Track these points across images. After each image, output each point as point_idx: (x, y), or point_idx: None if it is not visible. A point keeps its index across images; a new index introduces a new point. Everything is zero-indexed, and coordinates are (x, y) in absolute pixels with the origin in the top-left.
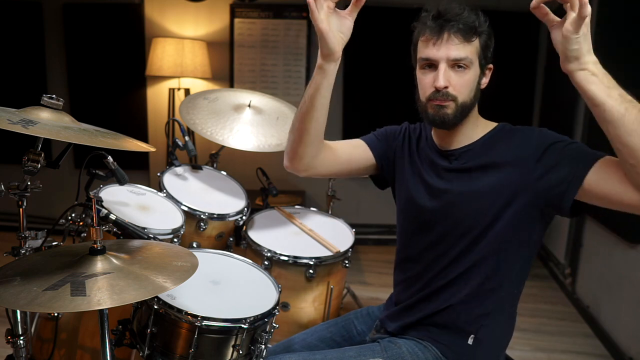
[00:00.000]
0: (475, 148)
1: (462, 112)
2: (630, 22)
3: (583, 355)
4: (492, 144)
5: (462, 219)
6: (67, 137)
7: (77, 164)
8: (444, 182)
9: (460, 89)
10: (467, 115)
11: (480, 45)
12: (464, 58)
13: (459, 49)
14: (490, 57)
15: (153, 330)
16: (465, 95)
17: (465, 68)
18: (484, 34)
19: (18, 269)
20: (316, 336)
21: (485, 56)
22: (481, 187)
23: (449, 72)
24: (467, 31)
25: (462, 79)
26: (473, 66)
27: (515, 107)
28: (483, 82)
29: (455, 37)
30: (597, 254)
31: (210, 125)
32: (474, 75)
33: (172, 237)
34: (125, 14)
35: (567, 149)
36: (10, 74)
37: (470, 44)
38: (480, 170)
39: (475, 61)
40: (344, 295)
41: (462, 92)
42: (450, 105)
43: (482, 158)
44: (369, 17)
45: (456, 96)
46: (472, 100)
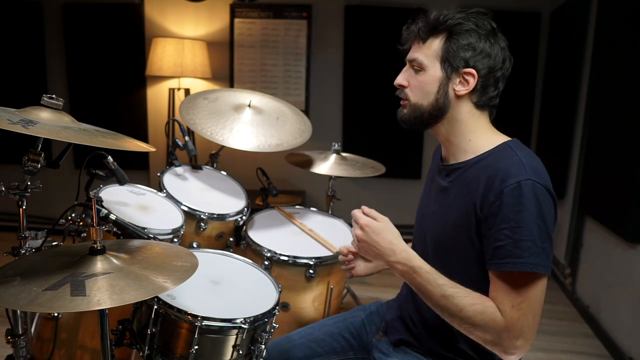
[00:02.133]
0: (464, 167)
1: (419, 115)
2: (631, 21)
3: (583, 355)
4: (479, 169)
5: (439, 248)
6: (67, 137)
7: (77, 164)
8: (434, 203)
9: (412, 88)
10: (434, 121)
11: (443, 46)
12: (414, 59)
13: (412, 51)
14: (468, 61)
15: (153, 330)
16: (419, 96)
17: (419, 70)
18: (454, 35)
19: (18, 269)
20: (323, 331)
21: (454, 59)
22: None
23: (410, 73)
24: (421, 32)
25: (415, 80)
26: (430, 69)
27: (515, 107)
28: (457, 89)
29: (415, 39)
30: (597, 254)
31: (210, 125)
32: (431, 78)
33: (172, 237)
34: (125, 14)
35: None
36: (10, 74)
37: (424, 45)
38: (456, 197)
39: (433, 63)
40: (344, 295)
41: (414, 92)
42: (405, 105)
43: (463, 183)
44: (369, 17)
45: (408, 94)
46: (431, 104)
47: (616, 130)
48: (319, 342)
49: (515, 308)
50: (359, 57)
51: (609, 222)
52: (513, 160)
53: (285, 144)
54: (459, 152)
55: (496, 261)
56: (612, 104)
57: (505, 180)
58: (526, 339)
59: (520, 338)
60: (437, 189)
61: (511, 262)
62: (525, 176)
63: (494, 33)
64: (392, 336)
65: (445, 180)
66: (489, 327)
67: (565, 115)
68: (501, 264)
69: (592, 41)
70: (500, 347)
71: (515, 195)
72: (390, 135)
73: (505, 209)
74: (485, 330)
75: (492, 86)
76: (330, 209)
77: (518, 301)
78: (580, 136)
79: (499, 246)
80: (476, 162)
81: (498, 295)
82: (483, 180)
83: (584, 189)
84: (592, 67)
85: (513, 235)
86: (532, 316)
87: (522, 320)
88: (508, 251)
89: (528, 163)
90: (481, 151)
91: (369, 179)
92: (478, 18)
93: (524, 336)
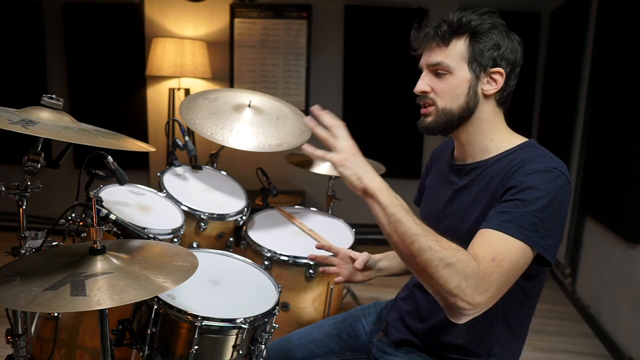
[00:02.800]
0: (485, 166)
1: (448, 119)
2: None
3: (583, 355)
4: (501, 165)
5: (460, 246)
6: (67, 137)
7: (77, 164)
8: (450, 203)
9: (440, 93)
10: (462, 123)
11: (469, 47)
12: (439, 63)
13: (434, 55)
14: (496, 60)
15: (153, 330)
16: (447, 100)
17: (445, 73)
18: (479, 35)
19: (18, 269)
20: (322, 332)
21: (481, 59)
22: (472, 217)
23: (431, 77)
24: (444, 35)
25: (442, 84)
26: (457, 71)
27: (515, 107)
28: (486, 88)
29: (433, 43)
30: (597, 254)
31: (210, 125)
32: (460, 80)
33: (172, 237)
34: (125, 14)
35: (512, 204)
36: (10, 74)
37: (447, 48)
38: (478, 194)
39: (460, 65)
40: (344, 295)
41: (442, 97)
42: (431, 112)
43: (485, 180)
44: (369, 17)
45: (435, 100)
46: (461, 106)
47: (616, 130)
48: (318, 343)
49: (495, 262)
50: (359, 57)
51: (609, 222)
52: (540, 153)
53: (285, 144)
54: (478, 152)
55: (496, 221)
56: (612, 103)
57: (534, 164)
58: (489, 299)
59: (484, 294)
60: (454, 189)
61: (514, 227)
62: (553, 165)
63: (507, 29)
64: (393, 336)
65: (464, 179)
66: (458, 267)
67: (565, 115)
68: (501, 225)
69: (592, 41)
70: (460, 296)
71: (538, 177)
72: (390, 135)
73: (525, 184)
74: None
75: (512, 82)
76: (330, 209)
77: (500, 258)
78: (580, 136)
79: (505, 211)
80: (498, 159)
81: (482, 243)
82: (508, 169)
83: (584, 189)
84: (592, 67)
85: (525, 207)
86: (505, 279)
87: (496, 276)
88: (514, 217)
89: (557, 158)
90: (502, 150)
91: None
92: (492, 17)
93: (488, 293)
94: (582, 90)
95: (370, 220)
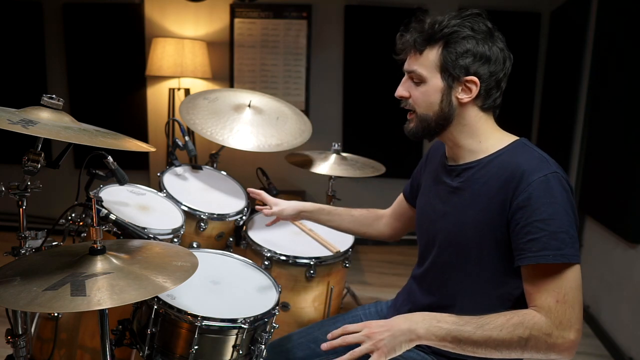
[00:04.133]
0: (478, 166)
1: (427, 126)
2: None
3: (583, 355)
4: (495, 167)
5: (453, 247)
6: (67, 137)
7: (77, 164)
8: (444, 204)
9: (416, 100)
10: (442, 129)
11: (440, 56)
12: (412, 71)
13: (409, 62)
14: (469, 69)
15: (153, 330)
16: (424, 107)
17: (419, 82)
18: (451, 44)
19: (18, 269)
20: (323, 331)
21: (453, 68)
22: (468, 219)
23: (410, 83)
24: (416, 43)
25: (417, 91)
26: (430, 79)
27: (515, 107)
28: (461, 97)
29: (410, 49)
30: (597, 254)
31: (210, 125)
32: (433, 88)
33: (172, 237)
34: (125, 14)
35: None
36: (10, 74)
37: (421, 56)
38: (473, 196)
39: (433, 74)
40: (344, 295)
41: (419, 105)
42: (413, 119)
43: (479, 182)
44: (369, 17)
45: (414, 107)
46: (436, 114)
47: (616, 130)
48: (318, 342)
49: (561, 302)
50: (359, 57)
51: (609, 222)
52: (534, 155)
53: (285, 144)
54: (468, 154)
55: (531, 255)
56: (612, 104)
57: (532, 174)
58: (578, 330)
59: (572, 330)
60: (446, 190)
61: (550, 254)
62: (551, 169)
63: (491, 34)
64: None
65: (456, 180)
66: (536, 334)
67: (565, 115)
68: (538, 257)
69: (592, 41)
70: (556, 349)
71: (544, 188)
72: (390, 135)
73: (535, 202)
74: (535, 339)
75: (494, 88)
76: None
77: (562, 294)
78: (580, 136)
79: (533, 239)
80: (490, 160)
81: (539, 291)
82: (504, 176)
83: (584, 189)
84: (592, 67)
85: (547, 227)
86: (578, 306)
87: (570, 312)
88: (545, 243)
89: (548, 158)
90: (493, 150)
91: (369, 179)
92: (473, 21)
93: (574, 327)
94: (582, 90)
95: None
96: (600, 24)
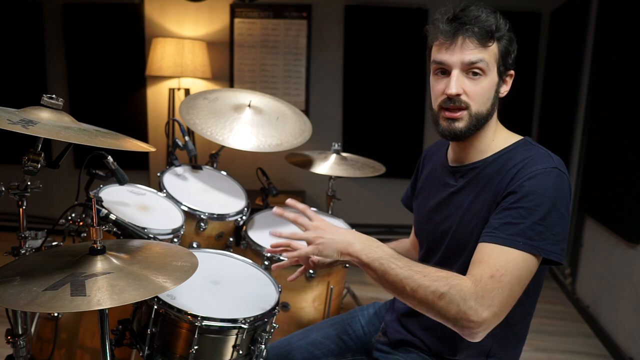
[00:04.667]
0: (482, 166)
1: (477, 123)
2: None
3: (583, 355)
4: (499, 164)
5: (457, 249)
6: (67, 137)
7: (77, 164)
8: (448, 206)
9: (475, 96)
10: (482, 127)
11: (499, 50)
12: (479, 61)
13: (473, 53)
14: (511, 63)
15: (153, 330)
16: (481, 104)
17: (480, 75)
18: (504, 38)
19: (18, 269)
20: (321, 333)
21: (505, 62)
22: (472, 218)
23: (463, 78)
24: (484, 35)
25: (477, 87)
26: (490, 73)
27: (515, 107)
28: (502, 90)
29: (470, 42)
30: (597, 254)
31: (210, 125)
32: (491, 82)
33: (172, 237)
34: (125, 14)
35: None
36: (10, 74)
37: (486, 49)
38: (477, 195)
39: (493, 68)
40: (344, 295)
41: (476, 101)
42: (464, 117)
43: (483, 180)
44: (369, 17)
45: (469, 104)
46: (488, 110)
47: (616, 130)
48: (317, 345)
49: (495, 279)
50: (359, 57)
51: (609, 222)
52: (538, 151)
53: (285, 144)
54: (477, 153)
55: (501, 235)
56: (612, 104)
57: (533, 165)
58: (495, 314)
59: (489, 309)
60: (449, 192)
61: (521, 241)
62: (553, 164)
63: None
64: (392, 336)
65: (460, 181)
66: (453, 293)
67: (565, 115)
68: (509, 239)
69: (592, 41)
70: (465, 318)
71: (540, 179)
72: (390, 135)
73: (527, 189)
74: (450, 298)
75: None
76: (330, 209)
77: (500, 273)
78: (580, 136)
79: (510, 222)
80: (495, 159)
81: (482, 261)
82: (507, 169)
83: (584, 189)
84: (592, 67)
85: (529, 216)
86: (509, 293)
87: (497, 292)
88: (520, 230)
89: (554, 155)
90: (498, 149)
91: (369, 179)
92: (499, 15)
93: (492, 309)
94: (582, 90)
95: (370, 220)
96: (600, 24)
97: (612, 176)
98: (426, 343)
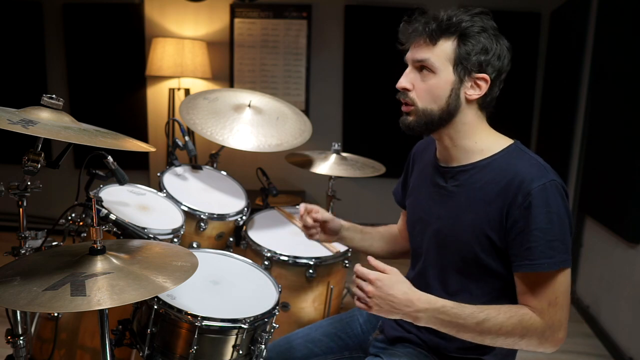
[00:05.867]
0: (473, 170)
1: (428, 121)
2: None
3: (583, 355)
4: (492, 171)
5: (448, 250)
6: (67, 137)
7: (77, 164)
8: (439, 207)
9: (421, 93)
10: (444, 125)
11: (456, 49)
12: (423, 60)
13: (419, 51)
14: (482, 65)
15: (153, 330)
16: (428, 101)
17: (430, 72)
18: (467, 37)
19: (18, 269)
20: (320, 331)
21: (468, 63)
22: (465, 223)
23: (415, 74)
24: (433, 33)
25: (424, 84)
26: (441, 72)
27: (515, 107)
28: (469, 93)
29: (421, 38)
30: (597, 254)
31: (210, 125)
32: (442, 81)
33: (172, 237)
34: (125, 14)
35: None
36: (10, 74)
37: (434, 47)
38: (469, 200)
39: (445, 67)
40: (344, 295)
41: (422, 98)
42: (411, 112)
43: (475, 186)
44: (369, 17)
45: (414, 100)
46: (442, 108)
47: (616, 130)
48: (317, 342)
49: (552, 305)
50: (359, 57)
51: (609, 222)
52: (531, 162)
53: (285, 144)
54: (463, 154)
55: (528, 262)
56: (612, 104)
57: (531, 182)
58: (564, 328)
59: (561, 329)
60: (440, 193)
61: (546, 262)
62: (549, 177)
63: (499, 34)
64: (389, 333)
65: (451, 183)
66: (531, 333)
67: (565, 115)
68: (535, 266)
69: (592, 41)
70: (546, 344)
71: (542, 197)
72: (390, 135)
73: (535, 211)
74: (530, 337)
75: (496, 87)
76: (330, 209)
77: (554, 297)
78: (580, 136)
79: (531, 247)
80: (486, 164)
81: (533, 295)
82: (503, 183)
83: (584, 189)
84: (592, 67)
85: (545, 236)
86: (566, 307)
87: (560, 313)
88: (541, 252)
89: (545, 164)
90: (489, 153)
91: (369, 179)
92: (484, 19)
93: (562, 327)
94: (582, 90)
95: (370, 221)
96: (600, 24)
97: (612, 176)
98: (422, 339)
